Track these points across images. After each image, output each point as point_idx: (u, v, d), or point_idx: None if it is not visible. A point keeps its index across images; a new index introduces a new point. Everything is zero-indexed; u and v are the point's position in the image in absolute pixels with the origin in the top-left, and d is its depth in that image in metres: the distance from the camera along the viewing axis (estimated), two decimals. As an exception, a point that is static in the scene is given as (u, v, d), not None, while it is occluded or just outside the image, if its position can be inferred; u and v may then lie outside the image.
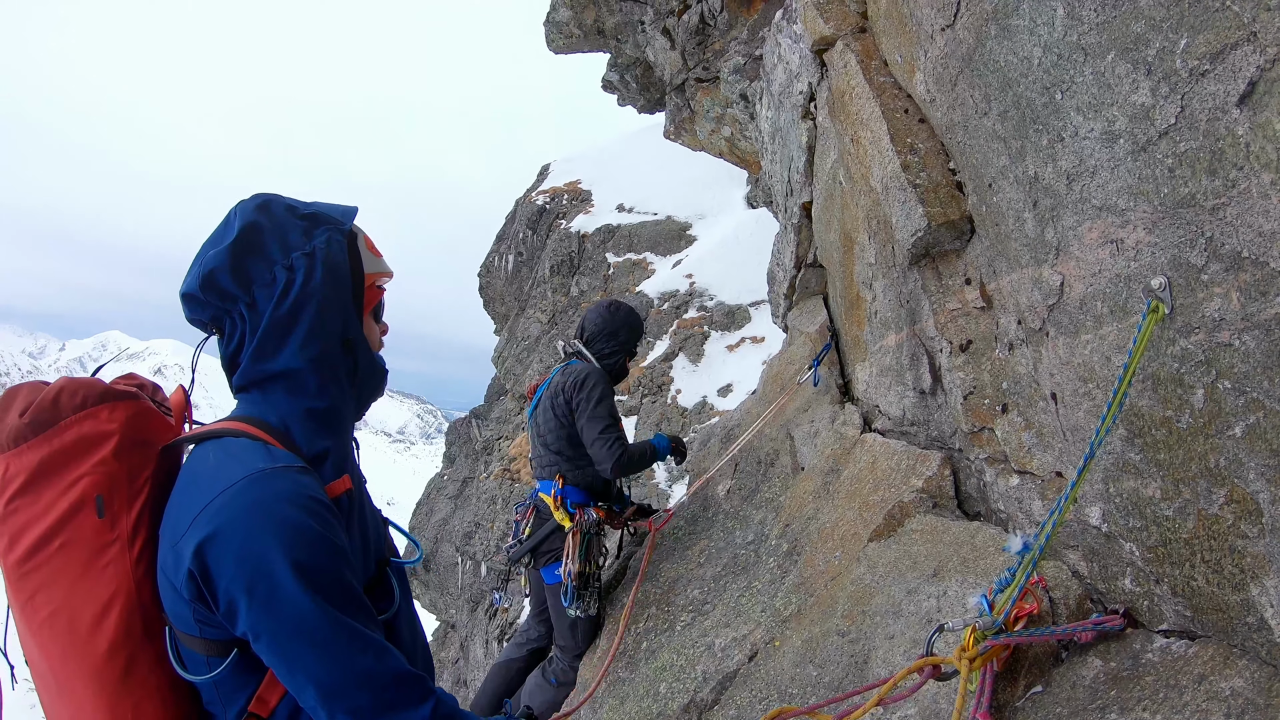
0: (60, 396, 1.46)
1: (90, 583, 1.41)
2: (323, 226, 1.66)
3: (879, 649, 2.41)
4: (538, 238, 18.73)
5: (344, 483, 1.66)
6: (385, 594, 1.72)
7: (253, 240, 1.57)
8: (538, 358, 16.10)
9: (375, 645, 1.46)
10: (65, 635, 1.39)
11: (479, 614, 12.00)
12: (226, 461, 1.47)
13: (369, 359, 1.76)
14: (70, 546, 1.41)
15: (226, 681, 1.48)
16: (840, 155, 3.74)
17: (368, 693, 1.42)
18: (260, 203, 1.63)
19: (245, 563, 1.36)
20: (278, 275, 1.58)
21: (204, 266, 1.55)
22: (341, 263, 1.67)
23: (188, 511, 1.41)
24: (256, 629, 1.38)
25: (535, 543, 4.49)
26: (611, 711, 3.58)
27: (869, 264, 3.57)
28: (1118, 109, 1.68)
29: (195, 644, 1.45)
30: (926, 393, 3.11)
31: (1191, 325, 1.59)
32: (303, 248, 1.61)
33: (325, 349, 1.64)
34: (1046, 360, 2.18)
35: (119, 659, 1.41)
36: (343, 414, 1.71)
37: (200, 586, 1.38)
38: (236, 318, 1.58)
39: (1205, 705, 1.53)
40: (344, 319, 1.68)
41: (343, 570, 1.45)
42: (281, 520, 1.39)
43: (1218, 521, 1.61)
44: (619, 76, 14.82)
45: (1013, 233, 2.23)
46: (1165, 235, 1.61)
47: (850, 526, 3.20)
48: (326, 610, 1.39)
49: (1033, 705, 1.86)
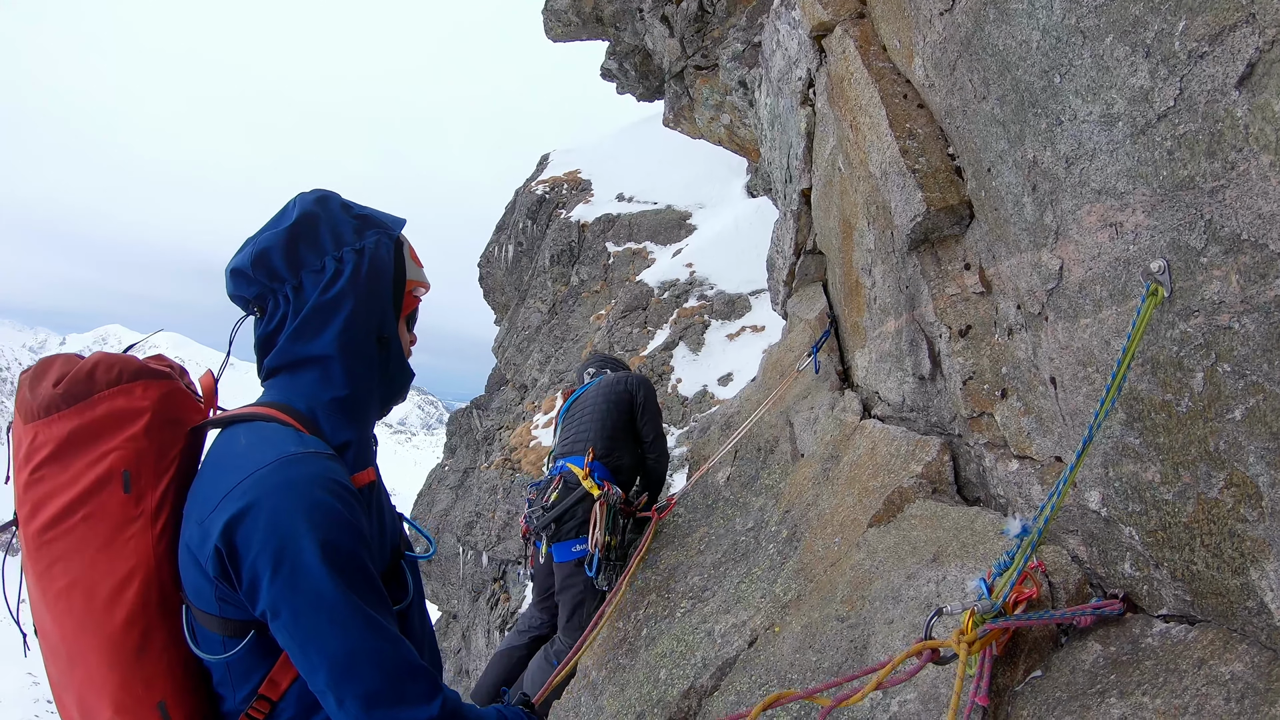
0: (96, 370, 1.49)
1: (111, 556, 1.43)
2: (374, 229, 1.74)
3: (878, 634, 2.42)
4: (537, 227, 18.71)
5: (368, 474, 1.69)
6: (400, 586, 1.75)
7: (308, 229, 1.64)
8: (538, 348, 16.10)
9: (391, 633, 1.47)
10: (82, 606, 1.40)
11: (480, 604, 12.03)
12: (258, 444, 1.50)
13: (400, 359, 1.82)
14: (94, 519, 1.42)
15: (240, 663, 1.49)
16: (839, 141, 3.73)
17: (380, 678, 1.42)
18: (319, 196, 1.70)
19: (272, 538, 1.38)
20: (327, 264, 1.64)
21: (258, 245, 1.62)
22: (387, 264, 1.74)
23: (218, 489, 1.43)
24: (277, 605, 1.39)
25: (561, 510, 4.59)
26: (612, 699, 3.59)
27: (868, 250, 3.56)
28: (1116, 92, 1.67)
29: (213, 623, 1.46)
30: (926, 378, 3.10)
31: (1191, 308, 1.58)
32: (354, 244, 1.69)
33: (359, 341, 1.69)
34: (1046, 345, 2.17)
35: (134, 633, 1.42)
36: (367, 407, 1.75)
37: (225, 562, 1.39)
38: (281, 298, 1.64)
39: (1205, 690, 1.53)
40: (381, 317, 1.74)
41: (364, 555, 1.47)
42: (311, 501, 1.42)
43: (1217, 505, 1.61)
44: (618, 64, 14.77)
45: (1011, 217, 2.23)
46: (1164, 218, 1.60)
47: (850, 512, 3.20)
48: (346, 591, 1.41)
49: (1032, 689, 1.86)
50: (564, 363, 15.00)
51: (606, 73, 15.37)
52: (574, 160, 20.78)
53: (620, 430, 4.98)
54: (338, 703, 1.41)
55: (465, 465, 16.25)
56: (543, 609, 5.05)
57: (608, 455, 4.86)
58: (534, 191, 19.33)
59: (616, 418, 4.99)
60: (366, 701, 1.41)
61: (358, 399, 1.71)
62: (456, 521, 14.08)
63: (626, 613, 4.23)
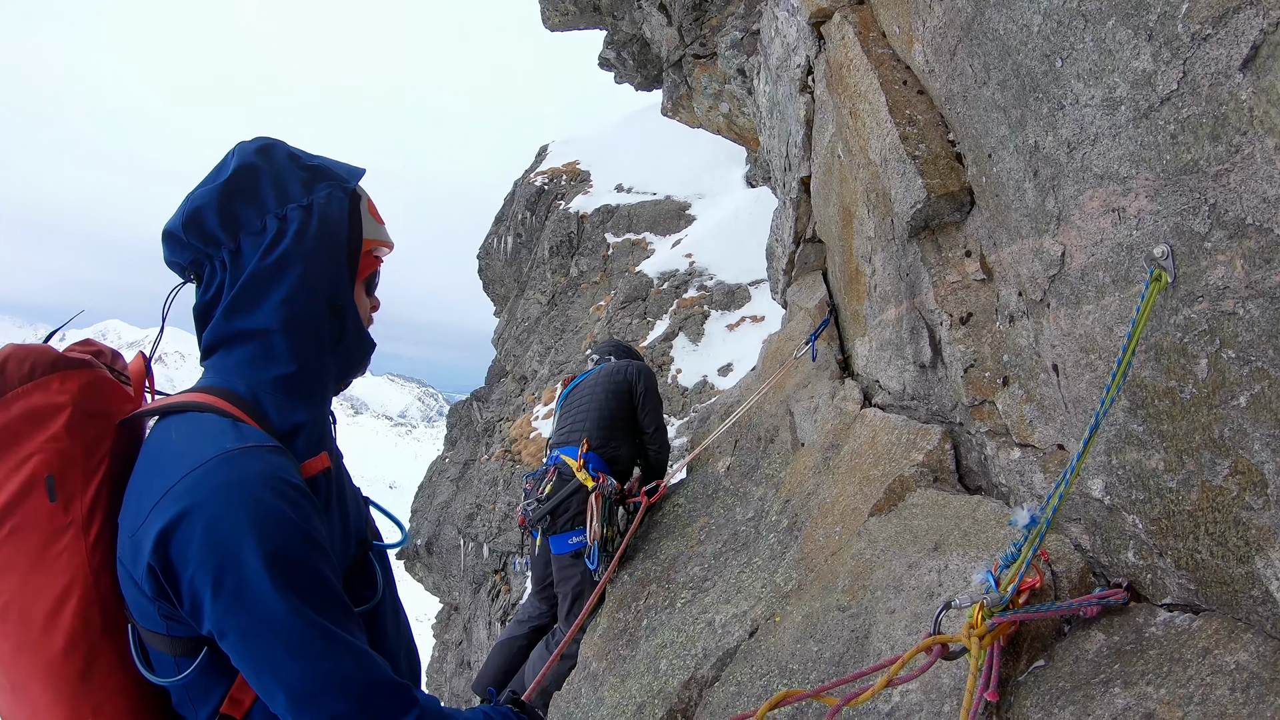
0: (7, 366, 1.32)
1: (43, 573, 1.27)
2: (325, 181, 1.54)
3: (880, 624, 2.41)
4: (536, 219, 18.68)
5: (321, 460, 1.51)
6: (368, 580, 1.59)
7: (247, 183, 1.45)
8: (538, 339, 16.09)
9: (354, 649, 1.31)
10: (17, 631, 1.26)
11: (481, 595, 12.06)
12: (191, 440, 1.32)
13: (357, 328, 1.62)
14: (20, 533, 1.26)
15: (196, 683, 1.35)
16: (838, 128, 3.71)
17: (344, 701, 1.27)
18: (262, 145, 1.51)
19: (211, 553, 1.21)
20: (268, 224, 1.46)
21: (191, 203, 1.44)
22: (340, 222, 1.54)
23: (148, 497, 1.27)
24: (222, 626, 1.23)
25: (556, 503, 4.55)
26: (613, 690, 3.59)
27: (868, 238, 3.54)
28: (1119, 75, 1.65)
29: (161, 642, 1.31)
30: (927, 366, 3.09)
31: (1195, 294, 1.56)
32: (300, 200, 1.49)
33: (307, 311, 1.50)
34: (1048, 332, 2.16)
35: (77, 657, 1.28)
36: (319, 382, 1.57)
37: (162, 581, 1.24)
38: (218, 264, 1.46)
39: (1210, 679, 1.52)
40: (334, 282, 1.55)
41: (318, 564, 1.31)
42: (252, 506, 1.25)
43: (1222, 493, 1.60)
44: (616, 54, 14.72)
45: (1013, 203, 2.21)
46: (1167, 203, 1.59)
47: (850, 501, 3.19)
48: (299, 609, 1.25)
49: (1035, 679, 1.85)
50: (564, 354, 15.00)
51: (605, 62, 15.32)
52: (573, 151, 20.73)
53: (618, 421, 4.93)
54: None
55: (466, 457, 16.25)
56: (542, 599, 5.04)
57: (603, 446, 4.82)
58: (533, 183, 19.30)
59: (615, 408, 4.93)
60: None
61: (307, 376, 1.52)
62: (457, 514, 14.10)
63: (627, 603, 4.23)
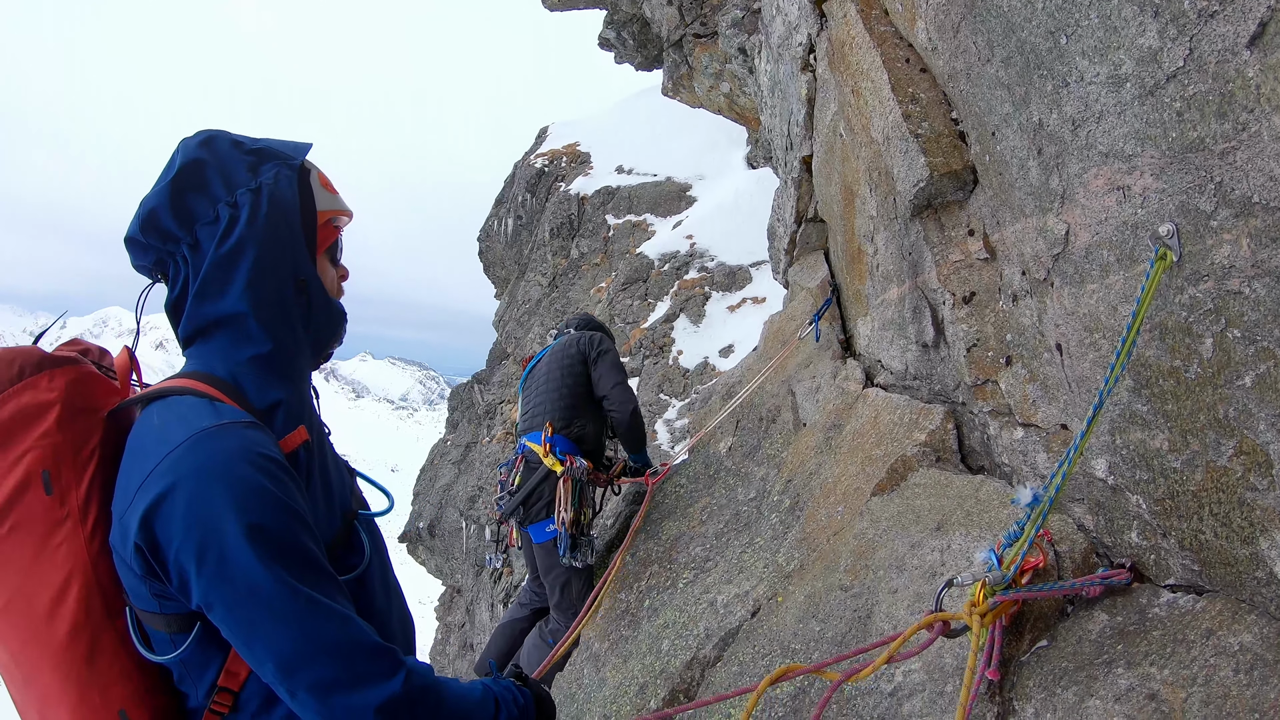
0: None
1: (45, 565, 1.34)
2: (271, 162, 1.57)
3: (882, 603, 2.41)
4: (536, 201, 18.60)
5: (300, 435, 1.56)
6: (354, 549, 1.64)
7: (194, 177, 1.49)
8: (538, 321, 16.07)
9: (338, 614, 1.36)
10: (24, 622, 1.32)
11: (484, 577, 12.10)
12: (170, 423, 1.38)
13: (323, 300, 1.66)
14: (21, 528, 1.33)
15: (192, 658, 1.41)
16: (840, 107, 3.68)
17: (331, 664, 1.32)
18: (204, 139, 1.54)
19: (193, 529, 1.27)
20: (220, 213, 1.49)
21: (145, 206, 1.48)
22: (290, 199, 1.58)
23: (133, 480, 1.33)
24: (209, 598, 1.29)
25: (526, 493, 4.46)
26: (615, 670, 3.61)
27: (870, 217, 3.52)
28: (1124, 52, 1.63)
29: (157, 621, 1.38)
30: (929, 346, 3.08)
31: (1200, 273, 1.55)
32: (248, 184, 1.52)
33: (273, 290, 1.55)
34: (1051, 311, 2.15)
35: (81, 643, 1.34)
36: (294, 359, 1.62)
37: (149, 559, 1.30)
38: (180, 260, 1.50)
39: (1214, 660, 1.52)
40: (294, 259, 1.59)
41: (299, 533, 1.37)
42: (231, 480, 1.31)
43: (1227, 474, 1.59)
44: (616, 34, 14.61)
45: (1016, 181, 2.19)
46: (1173, 181, 1.57)
47: (853, 481, 3.19)
48: (282, 577, 1.30)
49: (1038, 660, 1.86)
50: (565, 336, 14.90)
51: (605, 42, 15.21)
52: (573, 133, 20.59)
53: (579, 396, 4.70)
54: (290, 694, 1.32)
55: (467, 440, 16.26)
56: (539, 584, 5.02)
57: (568, 426, 4.62)
58: (533, 165, 19.18)
59: (572, 384, 4.70)
60: (320, 690, 1.32)
61: (282, 352, 1.58)
62: (459, 496, 14.13)
63: (629, 584, 4.24)
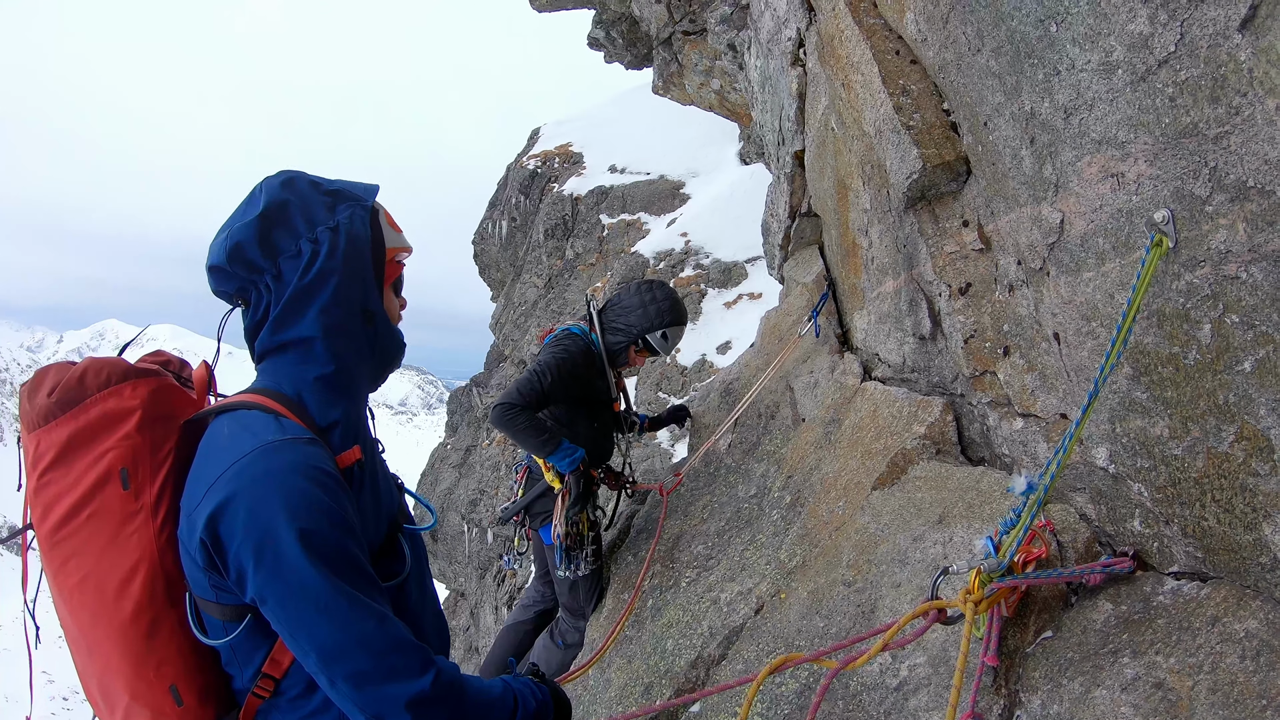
0: (85, 375, 1.55)
1: (117, 550, 1.50)
2: (346, 202, 1.73)
3: (885, 598, 2.41)
4: (530, 202, 18.57)
5: (354, 453, 1.72)
6: (397, 557, 1.79)
7: (279, 214, 1.64)
8: (535, 323, 16.04)
9: (376, 613, 1.50)
10: (94, 599, 1.49)
11: (487, 580, 12.08)
12: (239, 434, 1.55)
13: (388, 329, 1.83)
14: (98, 516, 1.50)
15: (242, 644, 1.57)
16: (831, 101, 3.67)
17: (367, 657, 1.47)
18: (285, 180, 1.69)
19: (253, 530, 1.43)
20: (303, 248, 1.64)
21: (231, 239, 1.62)
22: (363, 237, 1.73)
23: (202, 483, 1.50)
24: (263, 593, 1.45)
25: (527, 502, 4.47)
26: (619, 670, 3.60)
27: (864, 210, 3.51)
28: (1115, 39, 1.62)
29: (213, 609, 1.54)
30: (926, 338, 3.07)
31: (1196, 259, 1.54)
32: (327, 222, 1.68)
33: (343, 318, 1.70)
34: (1048, 300, 2.14)
35: (143, 622, 1.50)
36: (355, 380, 1.78)
37: (212, 554, 1.46)
38: (263, 288, 1.66)
39: (1219, 647, 1.52)
40: (364, 291, 1.74)
41: (346, 540, 1.52)
42: (288, 490, 1.47)
43: (1228, 460, 1.58)
44: (605, 33, 14.57)
45: (1010, 171, 2.18)
46: (1167, 167, 1.56)
47: (853, 476, 3.18)
48: (328, 577, 1.45)
49: (1043, 650, 1.85)
50: (562, 337, 14.86)
51: (594, 41, 15.17)
52: (565, 133, 20.56)
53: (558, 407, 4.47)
54: (329, 683, 1.47)
55: (467, 443, 16.24)
56: (545, 583, 5.03)
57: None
58: (526, 166, 19.15)
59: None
60: (356, 681, 1.46)
61: (345, 374, 1.73)
62: (460, 499, 14.11)
63: (631, 584, 4.23)
